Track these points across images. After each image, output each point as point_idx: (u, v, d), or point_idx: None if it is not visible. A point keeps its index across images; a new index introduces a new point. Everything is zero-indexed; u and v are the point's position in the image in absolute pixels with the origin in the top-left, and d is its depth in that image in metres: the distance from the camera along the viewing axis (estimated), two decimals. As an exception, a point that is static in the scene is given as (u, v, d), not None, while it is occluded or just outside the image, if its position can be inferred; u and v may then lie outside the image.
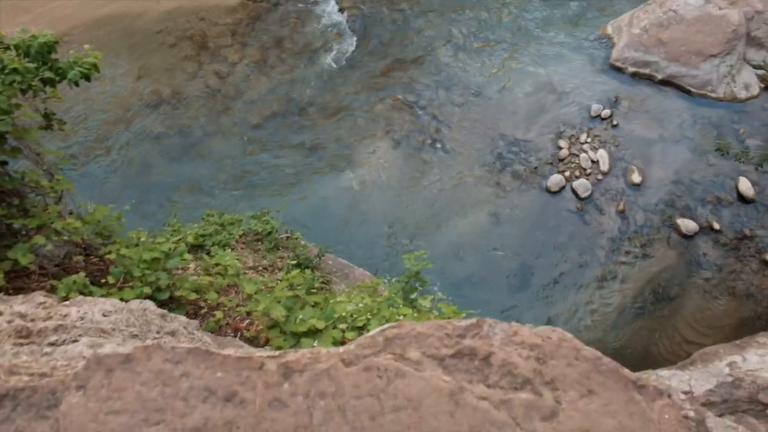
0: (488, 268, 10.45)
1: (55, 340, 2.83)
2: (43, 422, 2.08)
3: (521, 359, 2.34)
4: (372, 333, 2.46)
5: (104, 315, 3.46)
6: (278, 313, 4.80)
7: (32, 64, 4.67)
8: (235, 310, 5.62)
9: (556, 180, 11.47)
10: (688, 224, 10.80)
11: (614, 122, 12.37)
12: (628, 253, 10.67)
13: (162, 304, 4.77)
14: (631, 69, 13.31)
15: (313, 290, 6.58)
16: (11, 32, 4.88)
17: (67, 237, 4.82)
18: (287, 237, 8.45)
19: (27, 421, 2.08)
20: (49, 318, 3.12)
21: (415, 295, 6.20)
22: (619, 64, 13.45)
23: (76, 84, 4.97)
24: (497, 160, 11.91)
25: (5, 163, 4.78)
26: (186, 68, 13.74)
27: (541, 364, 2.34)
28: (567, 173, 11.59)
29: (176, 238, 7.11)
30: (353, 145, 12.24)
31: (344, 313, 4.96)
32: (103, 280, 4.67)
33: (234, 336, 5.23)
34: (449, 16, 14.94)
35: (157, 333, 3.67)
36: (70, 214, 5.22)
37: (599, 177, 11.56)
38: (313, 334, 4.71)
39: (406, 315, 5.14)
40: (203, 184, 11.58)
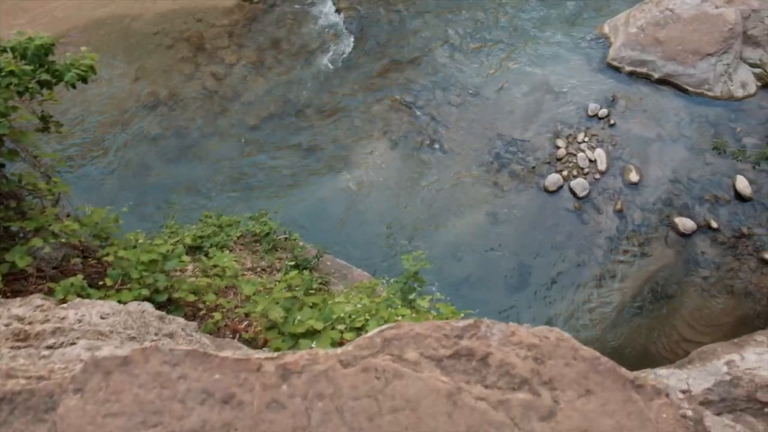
0: (486, 268, 10.45)
1: (53, 343, 2.82)
2: (40, 425, 2.08)
3: (519, 359, 2.34)
4: (370, 334, 2.46)
5: (102, 317, 3.46)
6: (277, 314, 4.81)
7: (29, 67, 4.67)
8: (234, 311, 5.62)
9: (553, 179, 11.48)
10: (685, 223, 10.81)
11: (611, 121, 12.38)
12: (626, 252, 10.68)
13: (160, 305, 4.77)
14: (628, 68, 13.32)
15: (311, 291, 6.58)
16: (8, 34, 4.88)
17: (65, 239, 4.82)
18: (285, 238, 8.44)
19: (25, 424, 2.07)
20: (46, 321, 3.11)
21: (413, 295, 6.20)
22: (616, 63, 13.46)
23: (73, 86, 4.97)
24: (495, 159, 11.91)
25: (2, 165, 4.78)
26: (183, 70, 13.73)
27: (539, 364, 2.34)
28: (565, 173, 11.60)
29: (174, 239, 7.11)
30: (351, 146, 12.24)
31: (342, 314, 4.97)
32: (101, 283, 4.68)
33: (232, 337, 5.23)
34: (446, 17, 14.95)
35: (155, 335, 3.67)
36: (67, 216, 5.23)
37: (597, 176, 11.57)
38: (311, 335, 4.72)
39: (404, 315, 5.14)
40: (201, 185, 11.56)
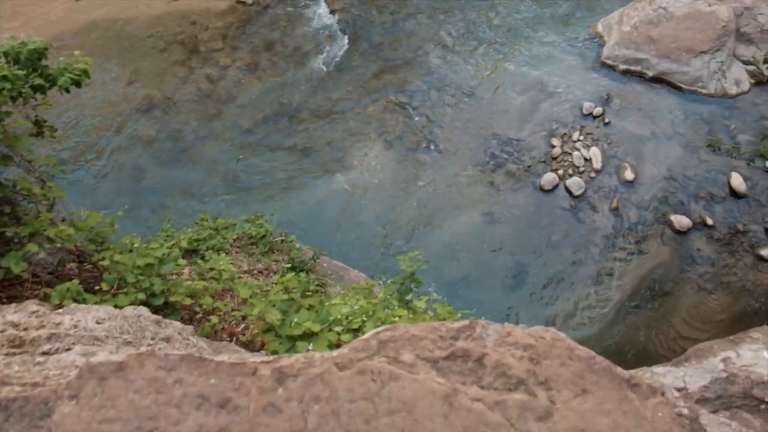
0: (483, 268, 10.46)
1: (48, 349, 2.81)
2: (36, 432, 2.07)
3: (515, 360, 2.34)
4: (365, 336, 2.46)
5: (98, 322, 3.45)
6: (273, 316, 4.80)
7: (22, 71, 4.66)
8: (231, 314, 5.61)
9: (549, 178, 11.49)
10: (681, 220, 10.84)
11: (606, 120, 12.40)
12: (622, 250, 10.69)
13: (156, 309, 4.76)
14: (622, 66, 13.36)
15: (308, 293, 6.57)
16: (0, 38, 4.87)
17: (60, 244, 4.81)
18: (282, 240, 8.43)
19: (20, 431, 2.07)
20: (42, 327, 3.10)
21: (410, 296, 6.19)
22: (610, 62, 13.50)
23: (67, 90, 4.96)
24: (490, 159, 11.92)
25: (-4, 171, 4.77)
26: (177, 72, 13.71)
27: (534, 364, 2.34)
28: (560, 171, 11.62)
29: (170, 243, 7.09)
30: (346, 148, 12.24)
31: (339, 316, 4.96)
32: (96, 287, 4.66)
33: (229, 340, 5.22)
34: (439, 18, 14.96)
35: (152, 339, 3.66)
36: (62, 221, 5.21)
37: (592, 175, 11.59)
38: (308, 337, 4.71)
39: (401, 316, 5.14)
40: (196, 188, 11.55)
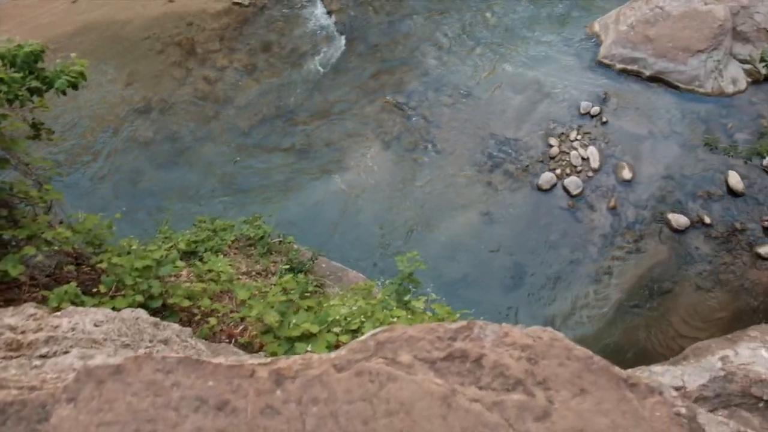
0: (481, 268, 10.47)
1: (46, 352, 2.81)
2: (34, 436, 2.06)
3: (513, 360, 2.34)
4: (363, 337, 2.46)
5: (96, 325, 3.44)
6: (272, 318, 4.79)
7: (18, 74, 4.65)
8: (229, 316, 5.61)
9: (547, 178, 11.51)
10: (679, 219, 10.86)
11: (604, 119, 12.42)
12: (620, 248, 10.71)
13: (155, 312, 4.75)
14: (619, 66, 13.38)
15: (306, 294, 6.58)
16: (-2, 41, 4.86)
17: (58, 247, 4.80)
18: (280, 241, 8.43)
19: (18, 435, 2.06)
20: (39, 330, 3.10)
21: (408, 296, 6.20)
22: (607, 61, 13.52)
23: (64, 93, 4.95)
24: (488, 159, 11.93)
25: (-7, 174, 4.76)
26: (174, 74, 13.70)
27: (532, 364, 2.34)
28: (558, 171, 11.63)
29: (168, 245, 7.08)
30: (344, 148, 12.24)
31: (338, 317, 4.96)
32: (94, 290, 4.65)
33: (228, 342, 5.22)
34: (436, 19, 14.97)
35: (150, 342, 3.65)
36: (60, 223, 5.20)
37: (590, 174, 11.60)
38: (307, 338, 4.71)
39: (400, 317, 5.14)
40: (194, 190, 11.54)
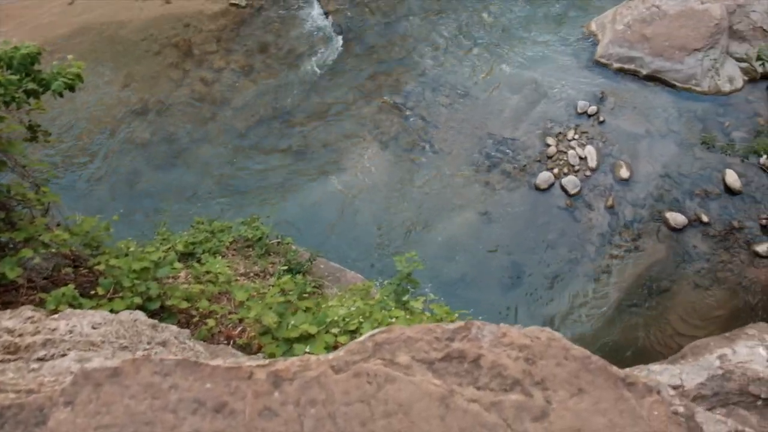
0: (480, 267, 10.47)
1: (44, 355, 2.81)
2: (32, 439, 2.06)
3: (510, 360, 2.34)
4: (361, 339, 2.46)
5: (93, 327, 3.44)
6: (270, 319, 4.79)
7: (15, 76, 4.65)
8: (227, 317, 5.60)
9: (544, 177, 11.51)
10: (676, 217, 10.87)
11: (601, 118, 12.43)
12: (618, 247, 10.72)
13: (153, 313, 4.74)
14: (616, 65, 13.39)
15: (305, 295, 6.57)
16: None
17: (55, 249, 4.78)
18: (278, 242, 8.42)
19: (15, 438, 2.06)
20: (37, 332, 3.09)
21: (407, 297, 6.20)
22: (604, 60, 13.53)
23: (60, 95, 4.95)
24: (486, 159, 11.94)
25: (-10, 176, 4.75)
26: (171, 75, 13.68)
27: (530, 364, 2.34)
28: (555, 170, 11.64)
29: (166, 246, 7.08)
30: (341, 149, 12.24)
31: (336, 318, 4.95)
32: (92, 292, 4.64)
33: (227, 344, 5.21)
34: (433, 19, 14.97)
35: (148, 344, 3.65)
36: (57, 225, 5.19)
37: (587, 173, 11.61)
38: (305, 339, 4.70)
39: (398, 317, 5.14)
40: (191, 191, 11.52)
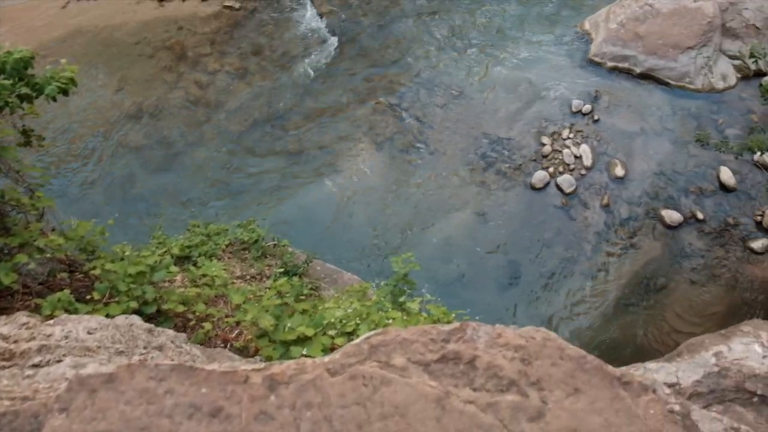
0: (476, 268, 10.47)
1: (39, 362, 2.80)
2: (27, 446, 2.06)
3: (506, 361, 2.35)
4: (357, 341, 2.46)
5: (89, 333, 3.43)
6: (267, 322, 4.78)
7: (8, 81, 4.63)
8: (224, 320, 5.58)
9: (540, 176, 11.53)
10: (672, 215, 10.90)
11: (595, 117, 12.46)
12: (614, 245, 10.74)
13: (149, 318, 4.73)
14: (610, 63, 13.43)
15: (301, 297, 6.56)
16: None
17: (51, 254, 4.77)
18: (274, 245, 8.41)
19: (11, 445, 2.05)
20: (32, 338, 3.08)
21: (404, 297, 6.20)
22: (597, 59, 13.56)
23: (54, 99, 4.93)
24: (481, 159, 11.95)
25: (-16, 182, 4.73)
26: (166, 78, 13.66)
27: (526, 365, 2.35)
28: (551, 169, 11.66)
29: (162, 250, 7.05)
30: (337, 150, 12.23)
31: (333, 319, 4.95)
32: (88, 297, 4.62)
33: (223, 347, 5.20)
34: (427, 20, 14.99)
35: (144, 348, 3.64)
36: (52, 230, 5.18)
37: (583, 172, 11.64)
38: (302, 341, 4.70)
39: (395, 318, 5.14)
40: (186, 195, 11.50)
